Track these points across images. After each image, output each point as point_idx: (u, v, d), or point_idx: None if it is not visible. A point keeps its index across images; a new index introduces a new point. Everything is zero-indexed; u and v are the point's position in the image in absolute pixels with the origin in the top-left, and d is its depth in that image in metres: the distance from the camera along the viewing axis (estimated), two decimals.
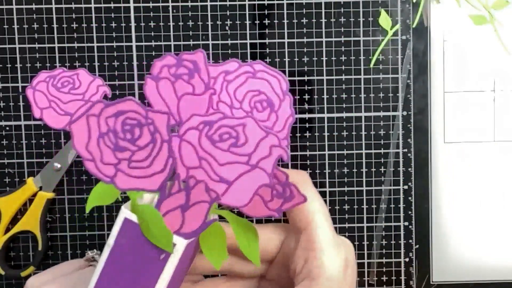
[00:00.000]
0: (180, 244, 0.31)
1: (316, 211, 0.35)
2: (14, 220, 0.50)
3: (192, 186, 0.30)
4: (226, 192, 0.30)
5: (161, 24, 0.50)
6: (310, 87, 0.50)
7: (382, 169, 0.51)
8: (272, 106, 0.33)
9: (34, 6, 0.49)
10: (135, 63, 0.50)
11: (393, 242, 0.51)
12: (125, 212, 0.31)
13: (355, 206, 0.51)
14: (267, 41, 0.50)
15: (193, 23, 0.50)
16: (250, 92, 0.33)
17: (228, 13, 0.49)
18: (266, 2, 0.50)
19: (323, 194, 0.50)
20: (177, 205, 0.31)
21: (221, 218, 0.34)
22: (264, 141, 0.31)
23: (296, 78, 0.50)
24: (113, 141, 0.29)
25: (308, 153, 0.51)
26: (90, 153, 0.30)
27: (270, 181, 0.30)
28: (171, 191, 0.31)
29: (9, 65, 0.50)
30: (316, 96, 0.50)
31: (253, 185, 0.31)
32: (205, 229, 0.31)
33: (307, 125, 0.50)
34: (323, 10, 0.50)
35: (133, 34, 0.50)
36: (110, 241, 0.31)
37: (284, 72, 0.50)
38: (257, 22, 0.50)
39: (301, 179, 0.36)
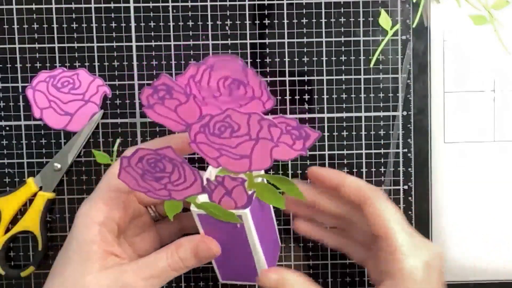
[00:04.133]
0: (243, 213, 0.40)
1: (392, 220, 0.40)
2: (14, 220, 0.50)
3: (221, 181, 0.39)
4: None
5: (161, 24, 0.50)
6: (310, 87, 0.50)
7: (382, 169, 0.51)
8: (242, 82, 0.40)
9: (34, 6, 0.49)
10: (135, 63, 0.50)
11: None
12: (194, 211, 0.41)
13: None
14: (267, 41, 0.50)
15: (193, 23, 0.50)
16: (220, 81, 0.40)
17: (228, 13, 0.49)
18: (266, 2, 0.50)
19: None
20: (222, 194, 0.39)
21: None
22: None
23: (296, 78, 0.50)
24: (151, 177, 0.38)
25: (308, 153, 0.51)
26: (143, 187, 0.38)
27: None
28: (211, 188, 0.39)
29: (9, 65, 0.50)
30: (316, 96, 0.50)
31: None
32: (252, 199, 0.40)
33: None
34: (323, 10, 0.50)
35: (133, 34, 0.50)
36: (201, 231, 0.42)
37: (284, 72, 0.50)
38: (257, 22, 0.50)
39: (376, 193, 0.42)
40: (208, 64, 0.39)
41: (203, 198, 0.42)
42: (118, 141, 0.50)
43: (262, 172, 0.44)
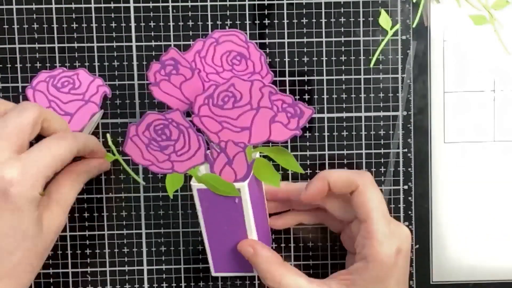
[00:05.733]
0: (242, 186, 0.42)
1: (374, 208, 0.43)
2: None
3: (224, 147, 0.41)
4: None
5: (161, 24, 0.50)
6: (310, 87, 0.50)
7: (382, 169, 0.51)
8: (244, 56, 0.43)
9: (34, 6, 0.49)
10: (135, 63, 0.50)
11: None
12: (194, 185, 0.42)
13: None
14: (267, 41, 0.50)
15: (193, 23, 0.50)
16: (224, 55, 0.43)
17: (228, 13, 0.50)
18: (266, 2, 0.50)
19: None
20: (223, 164, 0.41)
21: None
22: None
23: (296, 78, 0.50)
24: (157, 146, 0.40)
25: (308, 153, 0.51)
26: (148, 160, 0.40)
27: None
28: (213, 157, 0.41)
29: (9, 65, 0.50)
30: (316, 96, 0.50)
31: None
32: (251, 168, 0.42)
33: (307, 125, 0.50)
34: (323, 10, 0.50)
35: (133, 34, 0.50)
36: (198, 209, 0.43)
37: (284, 72, 0.50)
38: (257, 22, 0.50)
39: (365, 179, 0.44)
40: (214, 38, 0.42)
41: (204, 171, 0.43)
42: (108, 136, 0.49)
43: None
